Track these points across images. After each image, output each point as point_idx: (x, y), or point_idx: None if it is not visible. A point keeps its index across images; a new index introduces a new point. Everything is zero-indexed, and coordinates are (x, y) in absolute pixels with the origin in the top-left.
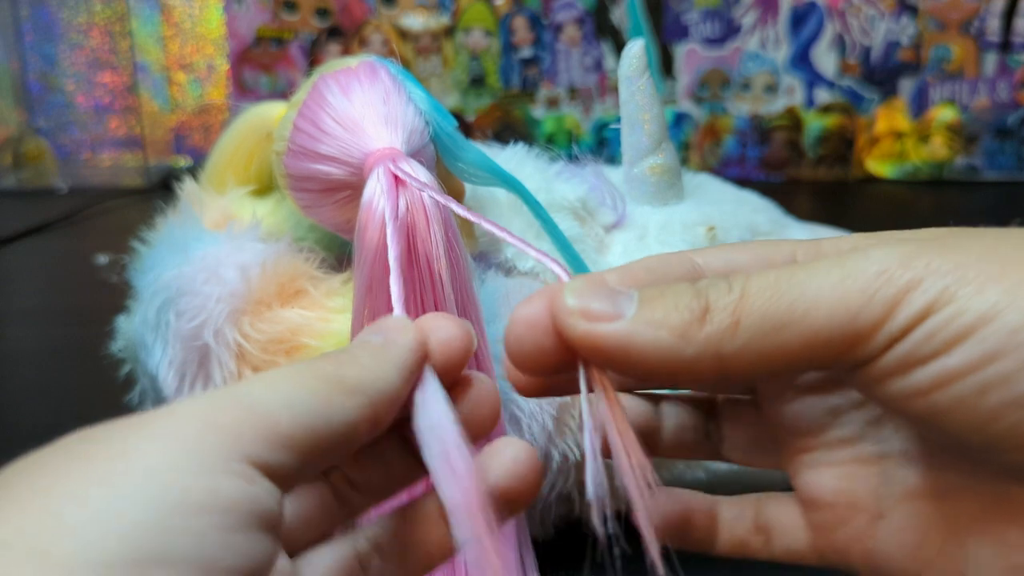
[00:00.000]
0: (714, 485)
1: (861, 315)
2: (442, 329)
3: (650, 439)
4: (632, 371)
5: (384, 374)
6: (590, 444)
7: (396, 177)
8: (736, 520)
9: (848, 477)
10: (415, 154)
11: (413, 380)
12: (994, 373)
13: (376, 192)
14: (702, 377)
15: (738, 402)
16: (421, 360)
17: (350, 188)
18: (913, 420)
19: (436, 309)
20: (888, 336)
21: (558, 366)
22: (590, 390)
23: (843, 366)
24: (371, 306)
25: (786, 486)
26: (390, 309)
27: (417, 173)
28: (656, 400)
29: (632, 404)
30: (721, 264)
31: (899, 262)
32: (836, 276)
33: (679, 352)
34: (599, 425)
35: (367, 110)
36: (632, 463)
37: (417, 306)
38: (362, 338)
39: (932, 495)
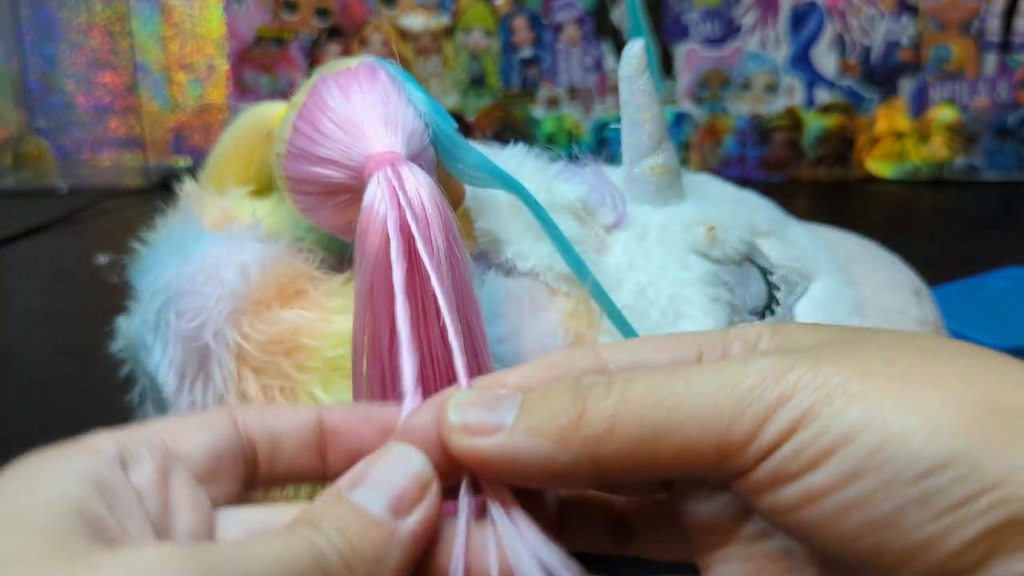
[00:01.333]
0: None
1: (733, 429)
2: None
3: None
4: (518, 480)
5: None
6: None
7: (395, 185)
8: None
9: (759, 573)
10: (415, 157)
11: None
12: (855, 492)
13: (377, 197)
14: (584, 481)
15: (646, 499)
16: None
17: (350, 191)
18: (790, 533)
19: (437, 313)
20: (759, 451)
21: (447, 476)
22: (480, 501)
23: (719, 476)
24: (372, 310)
25: None
26: (391, 313)
27: (417, 177)
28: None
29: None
30: (627, 359)
31: (773, 376)
32: (714, 387)
33: (557, 458)
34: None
35: (367, 113)
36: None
37: (418, 309)
38: None
39: None
